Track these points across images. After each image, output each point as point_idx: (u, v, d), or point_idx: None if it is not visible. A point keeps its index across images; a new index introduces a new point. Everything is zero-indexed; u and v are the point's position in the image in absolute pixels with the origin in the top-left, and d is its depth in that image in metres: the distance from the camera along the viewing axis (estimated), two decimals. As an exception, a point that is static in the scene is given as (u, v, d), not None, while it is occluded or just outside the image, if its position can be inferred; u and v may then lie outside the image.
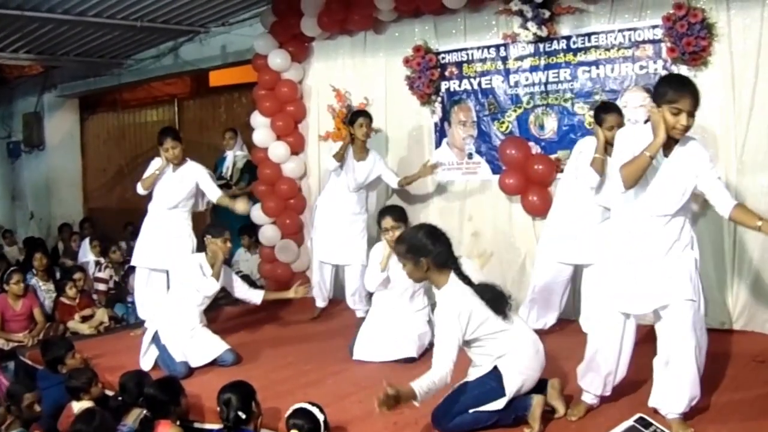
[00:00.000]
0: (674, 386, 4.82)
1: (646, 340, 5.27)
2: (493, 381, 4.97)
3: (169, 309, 7.03)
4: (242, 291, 7.51)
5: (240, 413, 4.90)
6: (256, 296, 7.48)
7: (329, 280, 8.73)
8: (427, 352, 6.89)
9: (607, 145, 6.26)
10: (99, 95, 15.32)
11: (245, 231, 10.49)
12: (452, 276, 5.03)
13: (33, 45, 11.69)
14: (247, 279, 10.09)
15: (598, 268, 5.56)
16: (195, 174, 7.95)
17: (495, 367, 5.00)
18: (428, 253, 5.01)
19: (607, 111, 6.49)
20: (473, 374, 5.15)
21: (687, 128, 4.55)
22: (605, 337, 5.07)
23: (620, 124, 6.32)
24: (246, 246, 10.56)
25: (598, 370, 5.13)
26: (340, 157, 8.17)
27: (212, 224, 7.20)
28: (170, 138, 7.82)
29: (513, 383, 4.93)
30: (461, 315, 4.85)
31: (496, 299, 5.00)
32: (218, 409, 5.01)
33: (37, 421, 5.71)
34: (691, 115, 4.52)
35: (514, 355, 5.00)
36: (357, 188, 8.38)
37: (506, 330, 5.02)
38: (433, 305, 6.01)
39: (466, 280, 5.04)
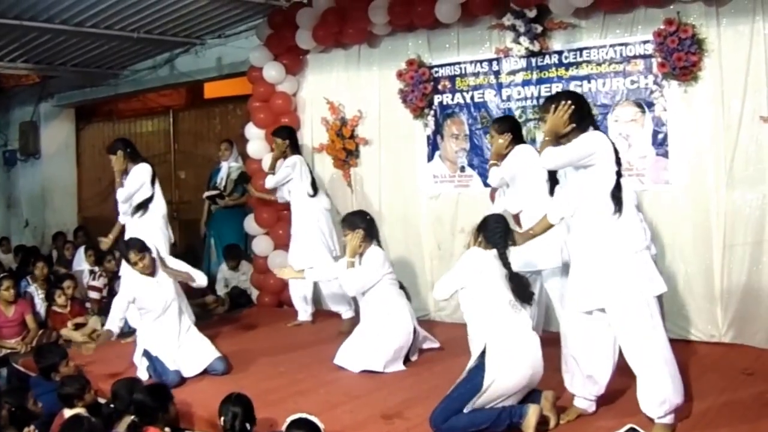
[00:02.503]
0: (642, 390, 4.97)
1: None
2: (481, 373, 5.05)
3: (149, 328, 7.05)
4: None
5: (248, 425, 4.92)
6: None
7: (302, 290, 8.84)
8: (408, 361, 7.02)
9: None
10: (95, 105, 15.31)
11: (229, 252, 10.54)
12: (493, 250, 5.49)
13: (30, 54, 11.71)
14: (237, 289, 10.16)
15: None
16: None
17: (483, 355, 5.10)
18: (483, 229, 5.57)
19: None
20: (472, 355, 5.26)
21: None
22: (573, 337, 5.25)
23: None
24: (231, 267, 10.55)
25: (577, 372, 5.26)
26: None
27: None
28: None
29: (493, 368, 5.01)
30: (473, 263, 5.43)
31: (521, 286, 5.42)
32: (223, 420, 4.94)
33: (36, 419, 5.73)
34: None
35: (504, 342, 5.12)
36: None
37: (509, 314, 5.24)
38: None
39: (507, 264, 5.45)
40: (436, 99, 8.79)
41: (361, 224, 7.12)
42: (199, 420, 5.75)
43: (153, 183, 8.16)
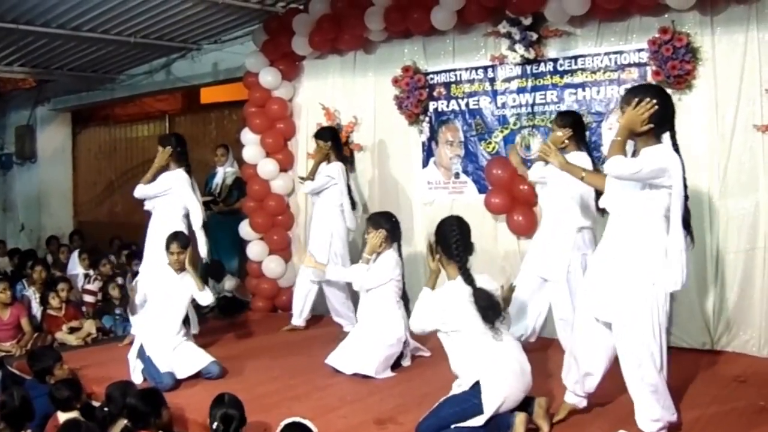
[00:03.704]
0: (636, 405, 4.99)
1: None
2: (475, 398, 5.02)
3: (151, 321, 7.10)
4: None
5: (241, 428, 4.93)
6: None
7: (306, 292, 8.77)
8: (399, 366, 7.07)
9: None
10: (91, 110, 15.38)
11: (211, 271, 10.34)
12: (459, 276, 5.30)
13: (27, 58, 11.74)
14: (224, 299, 10.14)
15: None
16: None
17: (477, 384, 5.06)
18: (439, 241, 5.41)
19: None
20: (456, 390, 5.23)
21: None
22: (576, 336, 5.27)
23: None
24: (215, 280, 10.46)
25: (574, 367, 5.29)
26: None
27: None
28: None
29: (492, 402, 4.98)
30: (441, 309, 5.25)
31: (488, 308, 5.15)
32: (214, 424, 4.88)
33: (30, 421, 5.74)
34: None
35: (497, 373, 5.06)
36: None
37: (492, 345, 5.13)
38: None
39: (468, 279, 5.25)
40: (431, 105, 8.82)
41: (385, 225, 7.17)
42: (192, 424, 5.75)
43: (194, 191, 8.10)
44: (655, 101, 4.76)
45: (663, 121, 4.84)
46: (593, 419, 5.38)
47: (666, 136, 4.92)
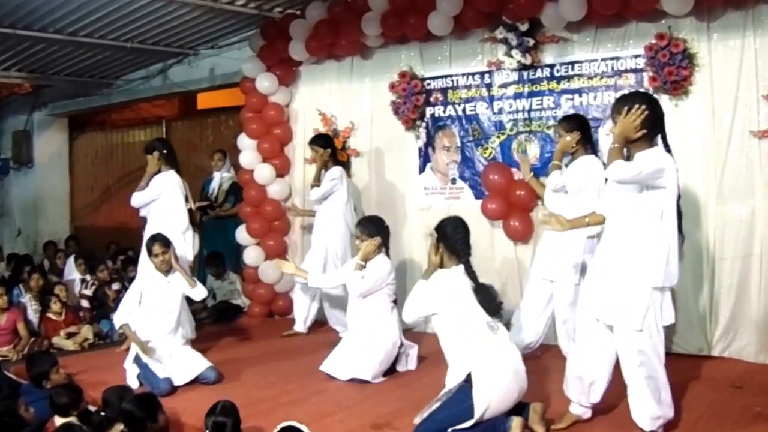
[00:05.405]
0: (635, 404, 5.02)
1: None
2: (469, 398, 5.02)
3: (147, 327, 7.08)
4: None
5: None
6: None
7: (306, 301, 8.81)
8: (394, 371, 7.05)
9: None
10: (88, 115, 15.37)
11: (210, 261, 10.51)
12: (459, 266, 5.40)
13: (24, 63, 11.76)
14: (225, 304, 10.12)
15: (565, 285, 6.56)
16: None
17: (469, 378, 5.07)
18: (443, 238, 5.48)
19: None
20: (449, 381, 5.23)
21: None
22: (580, 344, 5.27)
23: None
24: (214, 275, 10.49)
25: (578, 378, 5.27)
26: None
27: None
28: None
29: (482, 397, 4.98)
30: (444, 288, 5.33)
31: (487, 300, 5.30)
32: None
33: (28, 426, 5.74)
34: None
35: (489, 366, 5.07)
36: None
37: (486, 335, 5.19)
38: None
39: (471, 275, 5.38)
40: (428, 111, 8.83)
41: (379, 233, 7.16)
42: (189, 429, 5.74)
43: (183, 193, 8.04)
44: (644, 107, 4.87)
45: (654, 126, 4.94)
46: (594, 425, 5.38)
47: (658, 139, 5.00)
